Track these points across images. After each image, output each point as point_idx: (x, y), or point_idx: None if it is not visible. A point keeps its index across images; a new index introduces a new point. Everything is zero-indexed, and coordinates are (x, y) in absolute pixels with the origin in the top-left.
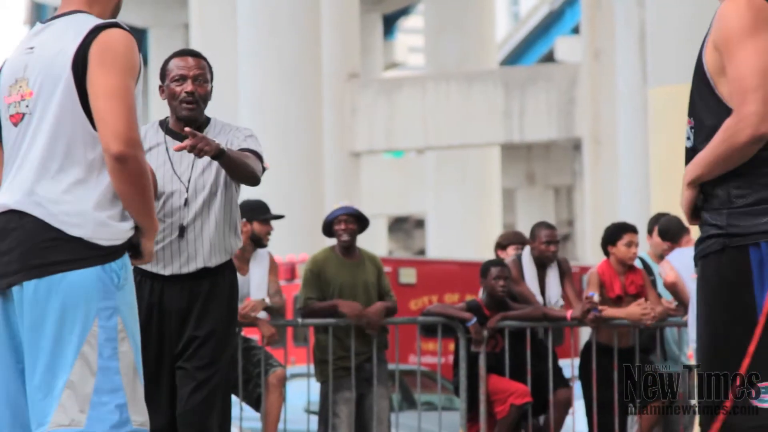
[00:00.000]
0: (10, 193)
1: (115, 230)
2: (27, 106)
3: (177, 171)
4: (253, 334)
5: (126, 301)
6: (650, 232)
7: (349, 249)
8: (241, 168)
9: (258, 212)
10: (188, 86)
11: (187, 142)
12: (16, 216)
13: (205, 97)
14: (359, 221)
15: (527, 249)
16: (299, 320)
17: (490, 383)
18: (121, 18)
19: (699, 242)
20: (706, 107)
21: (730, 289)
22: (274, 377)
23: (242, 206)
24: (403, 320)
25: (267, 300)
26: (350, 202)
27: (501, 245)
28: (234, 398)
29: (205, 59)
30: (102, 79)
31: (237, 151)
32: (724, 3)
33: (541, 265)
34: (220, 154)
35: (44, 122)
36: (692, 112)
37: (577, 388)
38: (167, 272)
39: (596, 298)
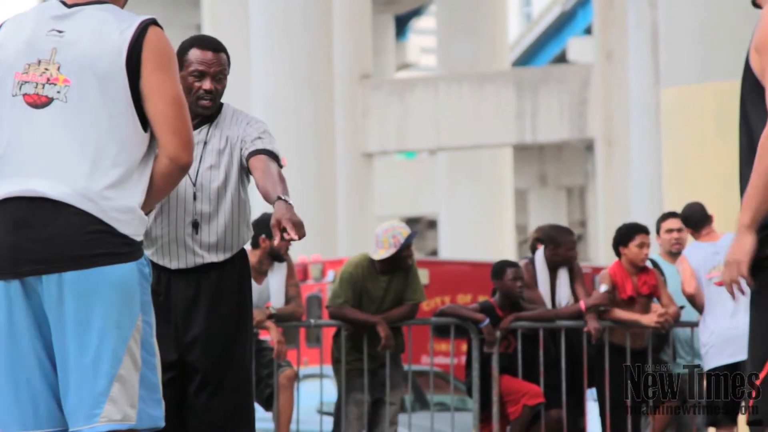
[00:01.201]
0: (49, 183)
1: (145, 225)
2: (59, 92)
3: None
4: (266, 335)
5: (150, 294)
6: (658, 231)
7: (389, 268)
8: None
9: None
10: (207, 84)
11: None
12: (49, 205)
13: (222, 92)
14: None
15: (540, 252)
16: (312, 321)
17: (502, 384)
18: None
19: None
20: (756, 113)
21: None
22: (284, 377)
23: (261, 222)
24: (416, 321)
25: (272, 309)
26: (403, 225)
27: (540, 240)
28: None
29: (225, 51)
30: (164, 85)
31: (266, 175)
32: (766, 5)
33: (553, 269)
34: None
35: (90, 116)
36: (744, 122)
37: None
38: (173, 266)
39: (607, 289)
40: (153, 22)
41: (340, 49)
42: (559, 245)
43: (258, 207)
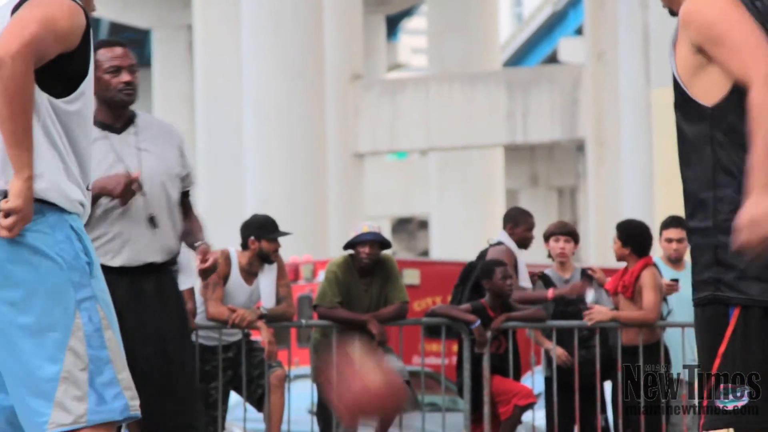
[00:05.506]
0: None
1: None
2: None
3: (125, 162)
4: (257, 336)
5: (101, 288)
6: (660, 235)
7: (366, 270)
8: None
9: (267, 231)
10: (126, 76)
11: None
12: None
13: (138, 85)
14: (382, 246)
15: (503, 235)
16: (303, 321)
17: (493, 384)
18: (124, 19)
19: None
20: (685, 117)
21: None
22: (274, 377)
23: (251, 223)
24: (407, 321)
25: (262, 309)
26: (372, 226)
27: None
28: (238, 398)
29: (128, 48)
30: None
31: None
32: (686, 4)
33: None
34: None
35: None
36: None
37: None
38: (115, 263)
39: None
40: None
41: (331, 50)
42: (518, 225)
43: (249, 209)
